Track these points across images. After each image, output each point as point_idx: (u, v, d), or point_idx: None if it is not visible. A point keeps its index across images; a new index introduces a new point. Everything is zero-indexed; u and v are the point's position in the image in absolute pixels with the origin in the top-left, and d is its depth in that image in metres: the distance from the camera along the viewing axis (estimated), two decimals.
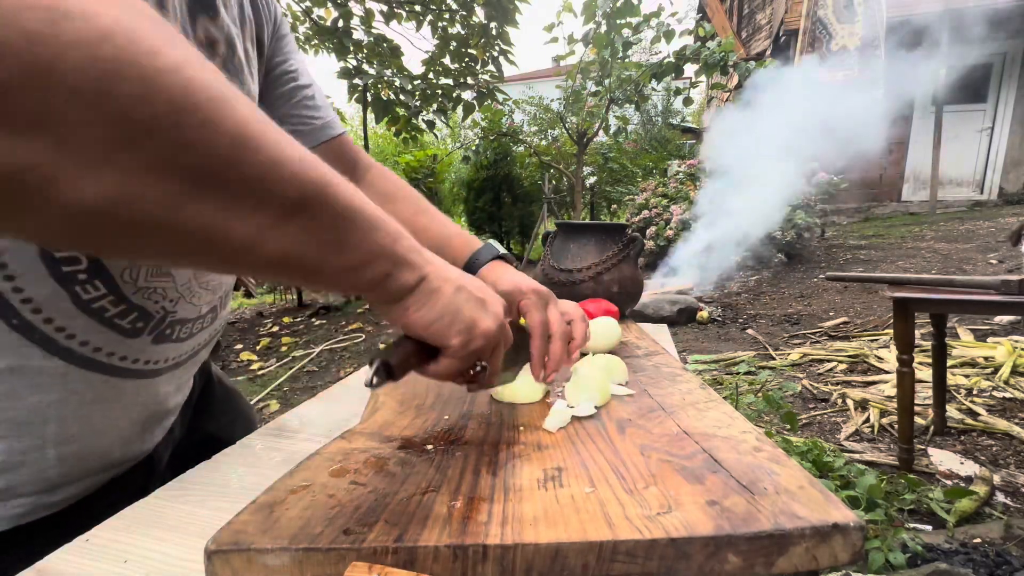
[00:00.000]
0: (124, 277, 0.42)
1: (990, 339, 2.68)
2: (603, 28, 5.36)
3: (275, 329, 4.80)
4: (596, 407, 0.49)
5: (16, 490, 0.41)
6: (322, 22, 4.19)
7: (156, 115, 0.22)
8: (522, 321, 0.54)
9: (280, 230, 0.28)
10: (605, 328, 0.68)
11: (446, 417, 0.48)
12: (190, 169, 0.23)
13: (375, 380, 0.34)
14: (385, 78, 4.24)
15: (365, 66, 4.36)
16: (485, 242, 0.63)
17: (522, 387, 0.52)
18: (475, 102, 4.45)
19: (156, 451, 0.54)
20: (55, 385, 0.40)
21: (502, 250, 0.62)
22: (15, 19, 0.19)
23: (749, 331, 3.43)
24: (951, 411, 2.02)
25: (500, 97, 4.62)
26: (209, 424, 0.64)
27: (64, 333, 0.40)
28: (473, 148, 8.23)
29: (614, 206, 8.57)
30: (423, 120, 4.52)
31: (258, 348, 4.26)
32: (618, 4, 5.00)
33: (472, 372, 0.40)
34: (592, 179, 8.71)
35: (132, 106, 0.21)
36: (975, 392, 2.20)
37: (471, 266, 0.60)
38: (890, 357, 2.56)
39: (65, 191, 0.21)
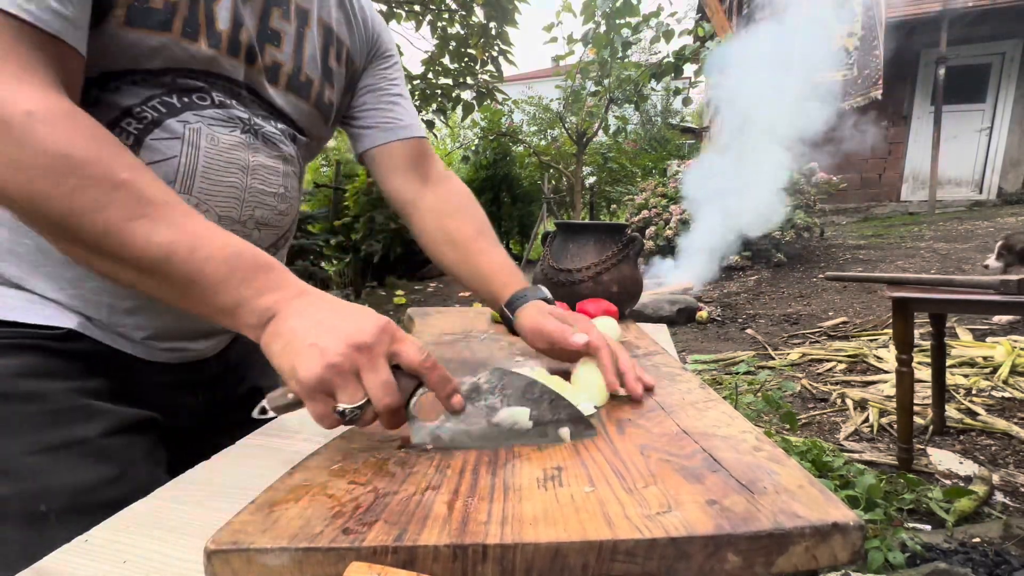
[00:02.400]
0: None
1: (989, 339, 2.68)
2: (602, 28, 5.36)
3: None
4: (596, 407, 0.49)
5: (101, 324, 0.54)
6: None
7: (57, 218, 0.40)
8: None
9: (145, 279, 0.42)
10: (604, 328, 0.68)
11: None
12: (73, 238, 0.41)
13: (259, 413, 0.42)
14: None
15: None
16: (535, 286, 0.67)
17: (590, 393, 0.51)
18: (474, 102, 4.45)
19: (208, 364, 0.66)
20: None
21: (548, 294, 0.66)
22: None
23: (748, 331, 3.43)
24: (950, 411, 2.03)
25: (499, 97, 4.62)
26: (257, 376, 0.73)
27: None
28: (472, 148, 8.24)
29: (613, 206, 8.57)
30: (422, 120, 4.52)
31: None
32: (617, 4, 5.00)
33: (341, 415, 0.39)
34: (591, 179, 8.72)
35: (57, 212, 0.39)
36: (974, 392, 2.20)
37: (513, 303, 0.64)
38: (889, 357, 2.56)
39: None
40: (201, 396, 0.66)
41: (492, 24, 3.96)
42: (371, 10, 0.72)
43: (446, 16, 4.07)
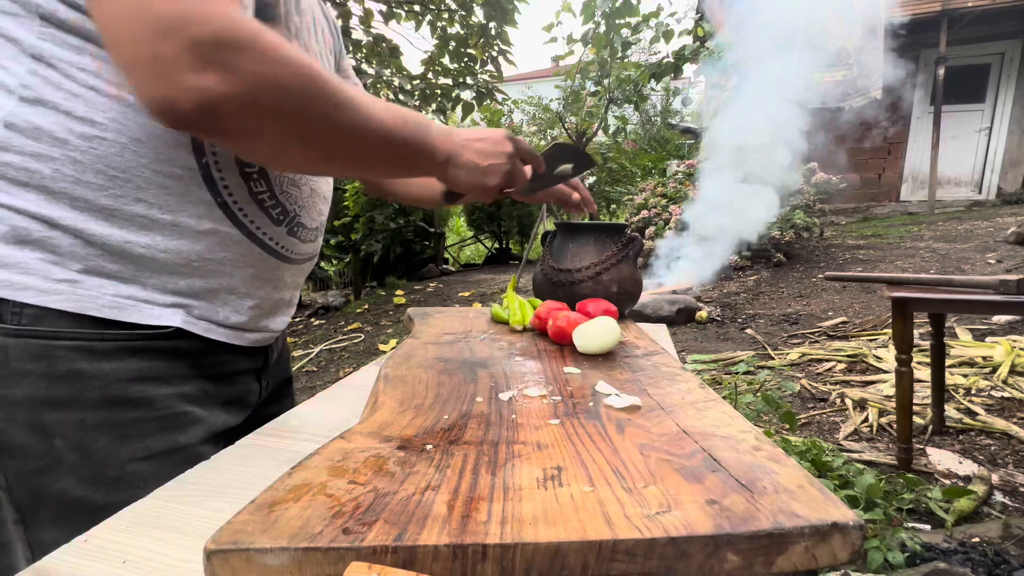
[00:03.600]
0: (276, 181, 0.60)
1: (988, 339, 2.68)
2: (602, 28, 5.36)
3: None
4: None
5: (200, 312, 0.57)
6: None
7: (322, 129, 0.48)
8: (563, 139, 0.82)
9: (366, 154, 0.53)
10: (604, 328, 0.68)
11: (446, 416, 0.48)
12: (326, 146, 0.50)
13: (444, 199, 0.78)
14: (384, 78, 4.24)
15: (364, 66, 4.35)
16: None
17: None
18: (474, 102, 4.44)
19: (272, 348, 0.72)
20: (232, 247, 0.57)
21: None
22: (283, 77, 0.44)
23: (748, 331, 3.43)
24: (949, 411, 2.03)
25: (499, 97, 4.62)
26: (286, 367, 0.80)
27: (242, 212, 0.57)
28: None
29: (613, 206, 8.57)
30: None
31: None
32: (617, 4, 5.00)
33: (503, 191, 0.65)
34: (591, 179, 8.71)
35: (312, 121, 0.46)
36: (973, 391, 2.20)
37: None
38: (889, 357, 2.56)
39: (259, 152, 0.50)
40: (263, 383, 0.70)
41: (492, 24, 3.96)
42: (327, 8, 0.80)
43: (446, 16, 4.07)
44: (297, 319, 5.11)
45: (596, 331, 0.68)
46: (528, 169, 0.66)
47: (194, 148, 0.52)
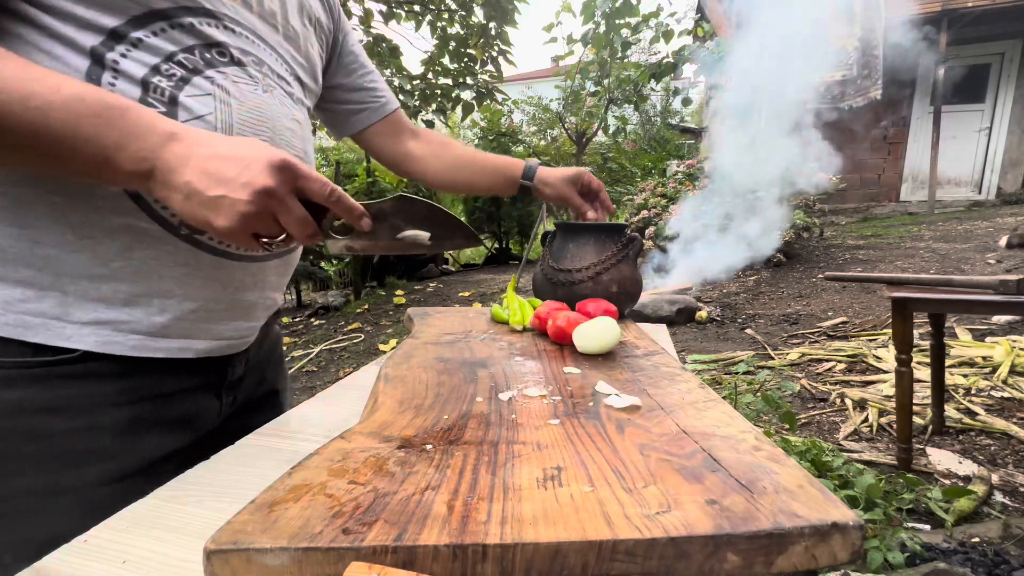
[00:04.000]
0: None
1: (988, 339, 2.68)
2: (602, 28, 5.36)
3: None
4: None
5: (131, 325, 0.51)
6: None
7: None
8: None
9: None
10: (604, 328, 0.68)
11: (445, 416, 0.48)
12: None
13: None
14: (384, 78, 4.25)
15: None
16: (528, 158, 0.91)
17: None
18: (474, 102, 4.45)
19: (232, 363, 0.63)
20: (154, 244, 0.50)
21: (539, 161, 0.92)
22: None
23: (748, 331, 3.43)
24: (949, 411, 2.03)
25: (499, 97, 4.62)
26: (274, 378, 0.74)
27: (159, 203, 0.49)
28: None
29: (613, 206, 8.57)
30: (422, 120, 4.52)
31: None
32: (617, 4, 5.00)
33: (259, 243, 0.46)
34: None
35: None
36: (973, 392, 2.20)
37: (527, 172, 0.91)
38: (889, 357, 2.56)
39: None
40: (224, 399, 0.64)
41: (492, 24, 3.96)
42: None
43: (446, 16, 4.07)
44: (297, 319, 5.11)
45: (596, 331, 0.68)
46: (304, 221, 0.46)
47: None
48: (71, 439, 0.49)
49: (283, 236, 0.46)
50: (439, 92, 4.40)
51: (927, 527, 1.41)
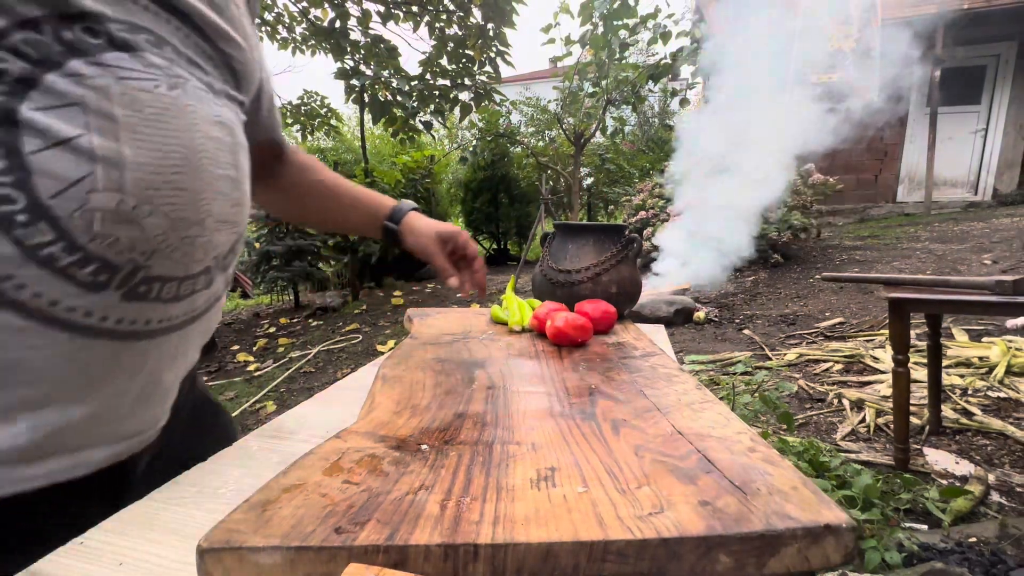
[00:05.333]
0: (74, 219, 0.34)
1: (984, 339, 2.69)
2: (600, 29, 5.37)
3: (272, 330, 4.79)
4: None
5: None
6: (319, 22, 4.19)
7: None
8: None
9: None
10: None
11: (441, 417, 0.48)
12: None
13: None
14: (382, 79, 4.24)
15: (362, 67, 4.35)
16: (400, 200, 0.81)
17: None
18: (472, 103, 4.45)
19: (132, 463, 0.47)
20: (10, 341, 0.35)
21: (414, 205, 0.81)
22: None
23: (745, 331, 3.44)
24: (946, 411, 2.03)
25: (497, 98, 4.63)
26: (197, 443, 0.55)
27: (12, 282, 0.34)
28: (470, 149, 8.24)
29: (611, 207, 8.58)
30: (420, 121, 4.52)
31: (255, 349, 4.25)
32: (615, 5, 5.01)
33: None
34: (589, 180, 8.72)
35: None
36: (970, 392, 2.21)
37: (395, 214, 0.78)
38: (886, 357, 2.57)
39: None
40: (129, 499, 0.42)
41: (490, 25, 3.96)
42: None
43: (444, 17, 4.07)
44: (295, 320, 5.10)
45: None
46: None
47: None
48: None
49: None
50: (437, 93, 4.40)
51: (924, 527, 1.42)
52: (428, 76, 4.40)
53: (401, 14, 4.05)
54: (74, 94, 0.33)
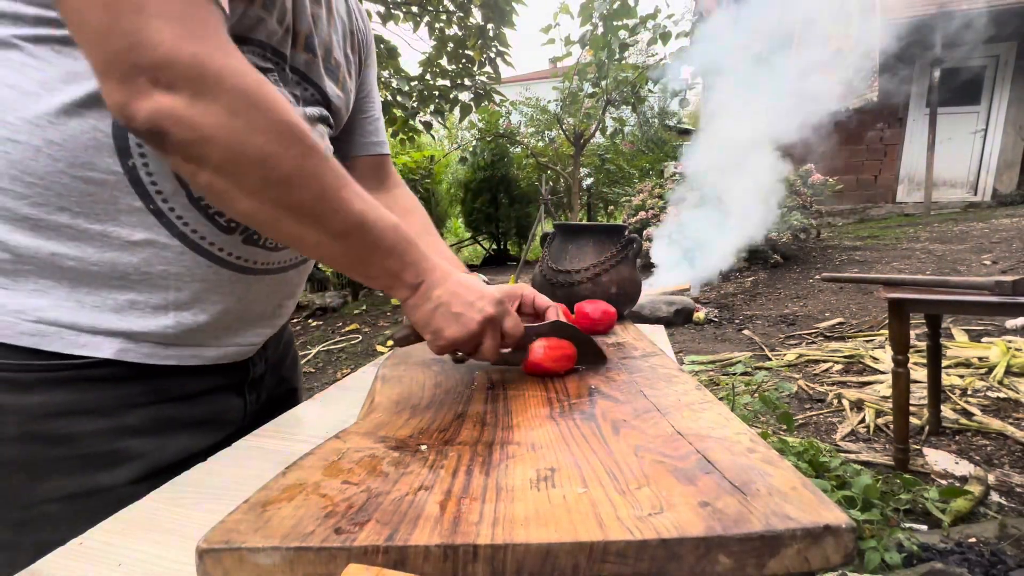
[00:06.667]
0: None
1: (984, 339, 2.69)
2: (600, 30, 5.37)
3: None
4: None
5: (144, 335, 0.51)
6: None
7: (279, 176, 0.42)
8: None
9: (332, 243, 0.46)
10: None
11: (441, 417, 0.48)
12: (281, 201, 0.43)
13: (391, 344, 0.58)
14: (382, 79, 4.24)
15: None
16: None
17: None
18: (472, 103, 4.45)
19: (253, 362, 0.65)
20: (174, 260, 0.51)
21: (485, 279, 0.76)
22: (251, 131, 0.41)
23: (745, 332, 3.44)
24: (946, 411, 2.03)
25: (497, 98, 4.63)
26: (292, 376, 0.76)
27: (182, 220, 0.50)
28: (470, 149, 8.25)
29: (611, 207, 8.58)
30: (420, 121, 4.52)
31: None
32: (615, 6, 5.02)
33: (456, 355, 0.58)
34: (589, 180, 8.72)
35: (271, 171, 0.42)
36: (969, 392, 2.21)
37: None
38: (885, 357, 2.57)
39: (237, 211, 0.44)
40: (248, 397, 0.64)
41: (490, 25, 3.96)
42: (361, 9, 0.74)
43: (444, 17, 4.07)
44: (295, 320, 5.10)
45: None
46: (500, 345, 0.55)
47: (118, 150, 0.46)
48: (98, 441, 0.49)
49: (471, 355, 0.55)
50: (437, 93, 4.40)
51: (924, 527, 1.42)
52: (428, 76, 4.40)
53: (401, 14, 4.05)
54: None
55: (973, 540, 1.33)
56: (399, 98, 4.26)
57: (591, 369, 0.63)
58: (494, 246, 8.89)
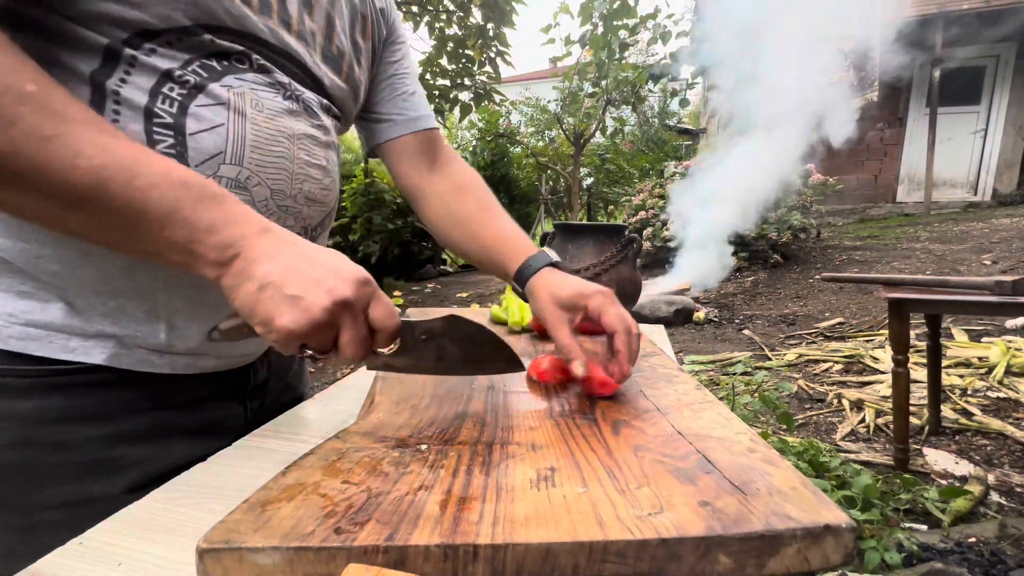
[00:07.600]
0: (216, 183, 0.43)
1: (984, 339, 2.69)
2: (600, 30, 5.38)
3: None
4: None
5: (137, 341, 0.49)
6: None
7: None
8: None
9: (74, 215, 0.37)
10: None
11: (441, 417, 0.48)
12: None
13: (211, 336, 0.43)
14: None
15: None
16: (540, 249, 0.66)
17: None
18: (472, 103, 4.45)
19: (254, 368, 0.62)
20: (158, 267, 0.47)
21: (555, 257, 0.64)
22: None
23: (745, 332, 3.44)
24: (946, 411, 2.03)
25: (497, 98, 4.63)
26: (297, 383, 0.74)
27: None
28: (470, 149, 8.25)
29: (611, 207, 8.58)
30: None
31: None
32: (615, 6, 5.02)
33: (303, 352, 0.41)
34: (589, 180, 8.73)
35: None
36: (969, 392, 2.21)
37: (522, 273, 0.63)
38: (885, 357, 2.57)
39: None
40: (249, 405, 0.62)
41: (490, 25, 3.96)
42: None
43: (444, 17, 4.07)
44: None
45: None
46: (366, 341, 0.43)
47: None
48: (95, 448, 0.48)
49: (330, 350, 0.42)
50: (437, 93, 4.40)
51: (924, 527, 1.42)
52: (428, 76, 4.40)
53: (401, 14, 4.05)
54: (224, 97, 0.47)
55: (973, 540, 1.33)
56: None
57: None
58: None
